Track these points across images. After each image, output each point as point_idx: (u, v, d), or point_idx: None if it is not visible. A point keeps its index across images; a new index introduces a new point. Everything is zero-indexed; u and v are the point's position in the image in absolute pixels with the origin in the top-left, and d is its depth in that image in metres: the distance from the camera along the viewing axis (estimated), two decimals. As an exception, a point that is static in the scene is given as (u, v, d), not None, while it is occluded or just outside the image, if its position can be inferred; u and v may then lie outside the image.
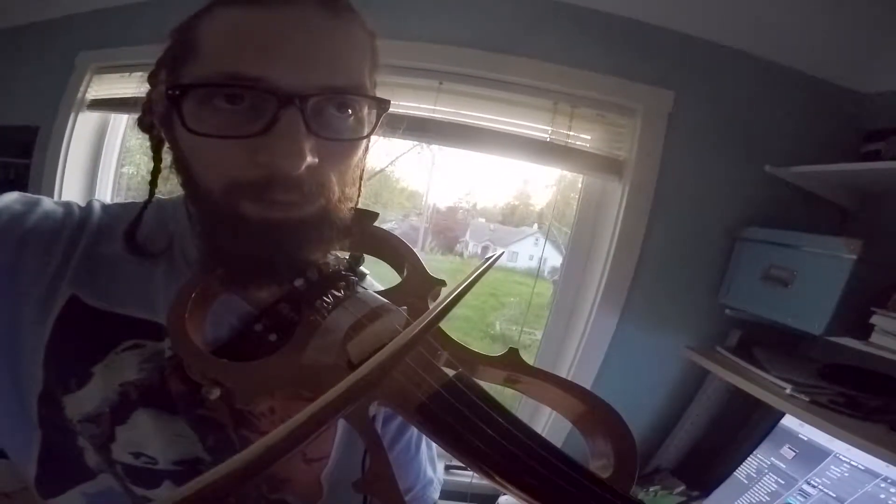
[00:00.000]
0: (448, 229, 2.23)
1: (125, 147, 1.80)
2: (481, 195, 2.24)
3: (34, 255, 0.41)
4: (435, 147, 1.60)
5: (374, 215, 0.49)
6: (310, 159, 0.36)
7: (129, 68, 1.52)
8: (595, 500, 0.29)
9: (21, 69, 1.75)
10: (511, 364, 0.40)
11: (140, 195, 0.48)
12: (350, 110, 0.39)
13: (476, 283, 0.40)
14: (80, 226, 0.44)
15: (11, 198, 0.43)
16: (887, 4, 0.99)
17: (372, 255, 0.50)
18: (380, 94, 0.42)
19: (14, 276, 0.40)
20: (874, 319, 0.95)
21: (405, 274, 0.47)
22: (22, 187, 1.69)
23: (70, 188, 1.65)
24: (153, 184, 0.46)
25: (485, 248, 2.20)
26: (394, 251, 0.49)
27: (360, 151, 0.42)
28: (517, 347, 0.41)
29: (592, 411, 0.37)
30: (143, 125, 0.46)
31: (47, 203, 0.45)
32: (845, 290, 0.98)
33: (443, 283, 0.45)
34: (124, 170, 1.83)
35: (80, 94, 1.58)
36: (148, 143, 0.47)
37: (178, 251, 0.45)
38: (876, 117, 1.19)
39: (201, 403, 0.41)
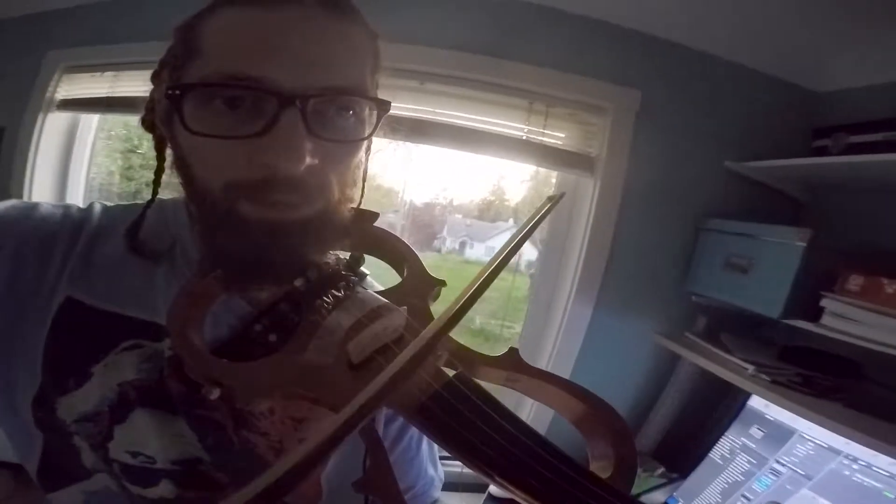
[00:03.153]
0: (426, 226, 2.20)
1: (95, 148, 1.72)
2: (457, 191, 2.23)
3: (32, 262, 0.40)
4: (411, 144, 1.59)
5: (375, 215, 0.48)
6: (309, 160, 0.35)
7: (100, 68, 1.44)
8: (595, 500, 0.28)
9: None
10: (511, 364, 0.39)
11: (104, 197, 0.47)
12: (351, 111, 0.38)
13: (483, 290, 0.39)
14: (78, 228, 0.43)
15: (7, 204, 0.42)
16: (838, 9, 1.03)
17: (372, 255, 0.48)
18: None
19: (12, 284, 0.39)
20: (824, 302, 0.98)
21: (405, 274, 0.46)
22: (-12, 191, 1.57)
23: (40, 190, 1.56)
24: (156, 184, 0.45)
25: (462, 244, 2.19)
26: (393, 251, 0.48)
27: (361, 152, 0.41)
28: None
29: (593, 412, 0.36)
30: (146, 124, 0.44)
31: (44, 207, 0.43)
32: (797, 276, 1.01)
33: (443, 283, 0.45)
34: (94, 172, 1.74)
35: (48, 94, 1.49)
36: (115, 145, 0.45)
37: (180, 252, 0.44)
38: (825, 114, 1.24)
39: (201, 403, 0.40)
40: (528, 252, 1.74)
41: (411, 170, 1.90)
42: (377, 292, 0.43)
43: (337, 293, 0.41)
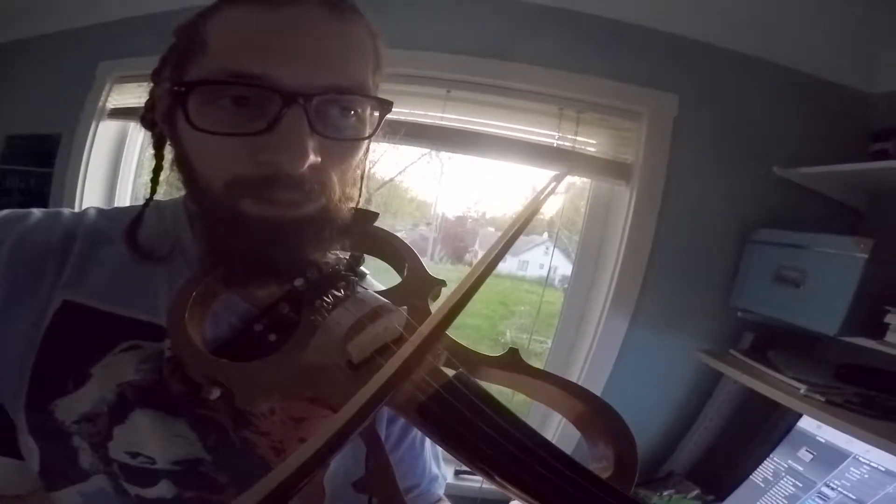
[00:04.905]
0: (457, 238, 2.21)
1: (143, 156, 1.82)
2: (490, 204, 2.22)
3: (23, 270, 0.41)
4: (444, 156, 1.60)
5: (374, 215, 0.48)
6: (312, 158, 0.35)
7: (148, 78, 1.52)
8: (594, 500, 0.28)
9: (43, 78, 1.77)
10: (511, 364, 0.39)
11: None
12: (353, 110, 0.39)
13: (473, 293, 0.38)
14: (70, 233, 0.43)
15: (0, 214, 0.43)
16: (889, 4, 0.97)
17: (372, 255, 0.49)
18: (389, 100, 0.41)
19: (7, 295, 0.40)
20: (889, 318, 0.92)
21: (405, 274, 0.46)
22: (42, 196, 1.70)
23: (91, 197, 1.66)
24: (154, 182, 0.46)
25: (495, 258, 2.17)
26: (394, 251, 0.48)
27: (362, 152, 0.42)
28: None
29: (592, 411, 0.36)
30: (146, 122, 0.46)
31: (36, 215, 0.44)
32: (858, 290, 0.96)
33: (443, 283, 0.45)
34: (141, 180, 1.83)
35: (100, 103, 1.60)
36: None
37: (179, 252, 0.45)
38: (882, 117, 1.17)
39: (201, 403, 0.40)
40: (563, 267, 1.70)
41: (444, 183, 1.91)
42: (377, 292, 0.43)
43: (337, 293, 0.41)
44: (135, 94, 1.60)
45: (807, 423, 1.05)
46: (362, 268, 0.47)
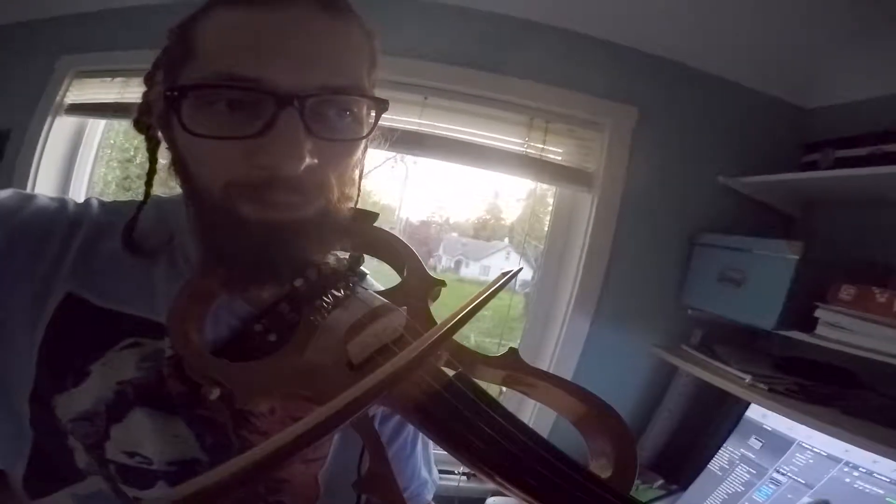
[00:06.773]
0: (421, 244, 2.20)
1: (100, 153, 1.72)
2: (453, 209, 2.23)
3: (24, 252, 0.39)
4: (408, 160, 1.59)
5: (374, 215, 0.48)
6: (309, 160, 0.34)
7: (110, 73, 1.45)
8: (595, 500, 0.28)
9: (-3, 71, 1.63)
10: (511, 364, 0.38)
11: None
12: (348, 110, 0.38)
13: (491, 298, 0.38)
14: (75, 222, 0.41)
15: (5, 194, 0.41)
16: (825, 29, 1.05)
17: (372, 255, 0.48)
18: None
19: (3, 273, 0.38)
20: (818, 313, 0.98)
21: (405, 274, 0.45)
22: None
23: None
24: (149, 185, 0.44)
25: (458, 263, 2.18)
26: (393, 251, 0.47)
27: (359, 152, 0.41)
28: (517, 349, 0.39)
29: (592, 412, 0.35)
30: (140, 126, 0.43)
31: (41, 199, 0.42)
32: (791, 288, 1.01)
33: (442, 283, 0.44)
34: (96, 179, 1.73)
35: (58, 98, 1.49)
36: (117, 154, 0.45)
37: (179, 249, 0.43)
38: (815, 130, 1.25)
39: (201, 403, 0.39)
40: (522, 272, 1.73)
41: (407, 187, 1.89)
42: (377, 292, 0.43)
43: (337, 293, 0.41)
44: (95, 90, 1.50)
45: (754, 412, 1.09)
46: (362, 268, 0.47)
